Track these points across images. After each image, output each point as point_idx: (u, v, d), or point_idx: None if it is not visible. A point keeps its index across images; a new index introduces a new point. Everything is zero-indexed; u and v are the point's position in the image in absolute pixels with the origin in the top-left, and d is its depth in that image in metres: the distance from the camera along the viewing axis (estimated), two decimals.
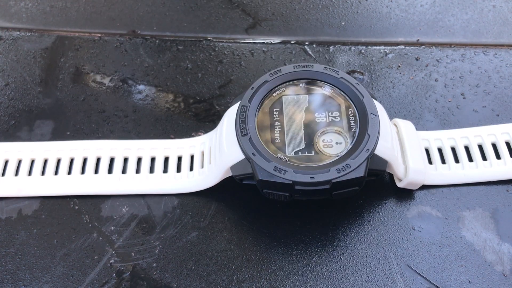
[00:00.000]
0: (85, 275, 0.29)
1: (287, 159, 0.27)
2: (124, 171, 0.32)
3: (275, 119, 0.29)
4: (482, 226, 0.30)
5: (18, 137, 0.35)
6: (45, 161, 0.33)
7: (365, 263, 0.29)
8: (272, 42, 0.40)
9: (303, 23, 0.41)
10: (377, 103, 0.30)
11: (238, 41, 0.40)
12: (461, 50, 0.38)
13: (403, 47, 0.39)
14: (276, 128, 0.29)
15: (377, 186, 0.31)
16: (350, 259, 0.29)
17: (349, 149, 0.28)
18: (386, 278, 0.28)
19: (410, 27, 0.40)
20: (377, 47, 0.39)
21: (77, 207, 0.32)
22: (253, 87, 0.30)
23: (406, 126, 0.32)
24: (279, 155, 0.27)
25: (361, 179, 0.26)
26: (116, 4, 0.43)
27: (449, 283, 0.28)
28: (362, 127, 0.28)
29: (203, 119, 0.35)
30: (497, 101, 0.35)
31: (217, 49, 0.40)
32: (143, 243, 0.30)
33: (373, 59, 0.38)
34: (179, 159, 0.33)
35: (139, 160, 0.33)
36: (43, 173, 0.32)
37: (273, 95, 0.30)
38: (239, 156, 0.28)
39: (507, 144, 0.32)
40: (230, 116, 0.30)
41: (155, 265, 0.29)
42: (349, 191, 0.27)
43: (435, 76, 0.37)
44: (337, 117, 0.29)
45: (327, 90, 0.30)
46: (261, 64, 0.38)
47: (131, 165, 0.33)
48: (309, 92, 0.30)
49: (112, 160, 0.33)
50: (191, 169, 0.32)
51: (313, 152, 0.28)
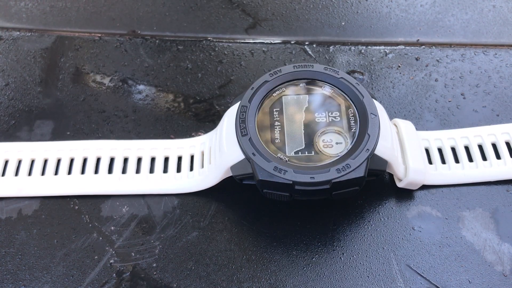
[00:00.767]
0: (85, 275, 0.29)
1: (287, 159, 0.27)
2: (124, 171, 0.32)
3: (275, 119, 0.29)
4: (482, 226, 0.30)
5: (18, 137, 0.35)
6: (45, 161, 0.33)
7: (365, 263, 0.29)
8: (272, 42, 0.40)
9: (303, 23, 0.41)
10: (377, 103, 0.30)
11: (238, 41, 0.40)
12: (461, 50, 0.38)
13: (403, 47, 0.39)
14: (276, 128, 0.29)
15: (377, 186, 0.31)
16: (350, 259, 0.29)
17: (349, 149, 0.28)
18: (386, 278, 0.28)
19: (410, 27, 0.40)
20: (377, 47, 0.39)
21: (77, 207, 0.32)
22: (253, 87, 0.30)
23: (406, 126, 0.32)
24: (279, 155, 0.27)
25: (361, 179, 0.26)
26: (116, 4, 0.43)
27: (449, 283, 0.28)
28: (362, 127, 0.28)
29: (203, 119, 0.35)
30: (497, 101, 0.35)
31: (217, 49, 0.40)
32: (143, 243, 0.30)
33: (373, 59, 0.38)
34: (179, 159, 0.33)
35: (139, 160, 0.33)
36: (43, 173, 0.32)
37: (273, 95, 0.30)
38: (239, 156, 0.28)
39: (507, 144, 0.32)
40: (230, 116, 0.30)
41: (155, 265, 0.29)
42: (349, 191, 0.27)
43: (435, 76, 0.37)
44: (337, 117, 0.29)
45: (327, 90, 0.30)
46: (261, 64, 0.38)
47: (131, 165, 0.33)
48: (309, 92, 0.30)
49: (112, 160, 0.33)
50: (191, 169, 0.32)
51: (313, 152, 0.28)
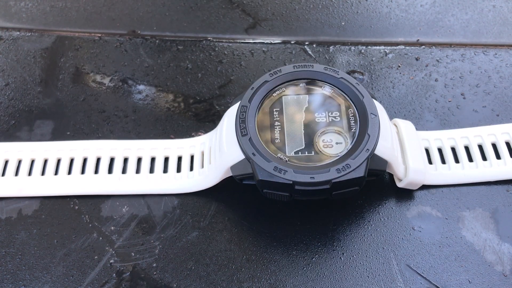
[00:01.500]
0: (85, 275, 0.29)
1: (287, 159, 0.27)
2: (124, 171, 0.32)
3: (275, 119, 0.29)
4: (482, 226, 0.30)
5: (18, 137, 0.35)
6: (45, 161, 0.33)
7: (365, 263, 0.29)
8: (272, 42, 0.40)
9: (303, 23, 0.41)
10: (377, 103, 0.30)
11: (238, 41, 0.40)
12: (461, 50, 0.38)
13: (403, 47, 0.39)
14: (276, 128, 0.29)
15: (377, 186, 0.31)
16: (350, 259, 0.29)
17: (349, 149, 0.28)
18: (386, 278, 0.28)
19: (410, 27, 0.40)
20: (377, 47, 0.39)
21: (77, 207, 0.32)
22: (253, 87, 0.30)
23: (406, 126, 0.32)
24: (279, 155, 0.27)
25: (361, 179, 0.26)
26: (116, 4, 0.43)
27: (449, 283, 0.28)
28: (362, 127, 0.28)
29: (203, 119, 0.35)
30: (497, 101, 0.35)
31: (217, 49, 0.40)
32: (143, 243, 0.30)
33: (373, 59, 0.38)
34: (179, 159, 0.33)
35: (139, 160, 0.33)
36: (43, 173, 0.32)
37: (273, 95, 0.30)
38: (239, 156, 0.28)
39: (507, 144, 0.32)
40: (230, 116, 0.30)
41: (155, 265, 0.29)
42: (349, 191, 0.27)
43: (435, 76, 0.37)
44: (337, 117, 0.29)
45: (327, 90, 0.30)
46: (261, 64, 0.38)
47: (131, 165, 0.33)
48: (309, 92, 0.30)
49: (112, 160, 0.33)
50: (191, 169, 0.32)
51: (313, 152, 0.28)
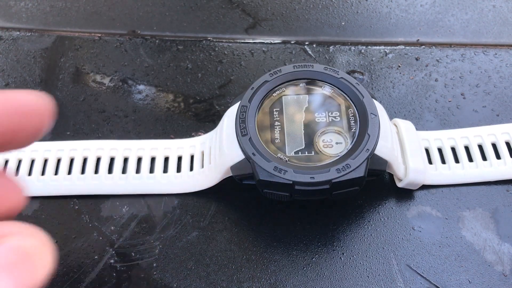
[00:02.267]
0: (85, 275, 0.29)
1: (287, 159, 0.27)
2: (124, 171, 0.32)
3: (275, 119, 0.29)
4: (482, 226, 0.30)
5: None
6: (45, 161, 0.33)
7: (365, 263, 0.29)
8: (272, 42, 0.40)
9: (303, 23, 0.41)
10: (377, 103, 0.30)
11: (238, 41, 0.40)
12: (461, 50, 0.38)
13: (403, 47, 0.39)
14: (276, 128, 0.29)
15: (377, 186, 0.31)
16: (350, 259, 0.29)
17: (349, 149, 0.28)
18: (386, 278, 0.28)
19: (410, 27, 0.40)
20: (377, 47, 0.39)
21: (77, 207, 0.32)
22: (253, 87, 0.30)
23: (406, 126, 0.32)
24: (279, 155, 0.27)
25: (361, 179, 0.26)
26: (116, 4, 0.43)
27: (449, 283, 0.28)
28: (362, 127, 0.28)
29: (203, 119, 0.35)
30: (497, 101, 0.35)
31: (217, 49, 0.40)
32: (143, 243, 0.30)
33: (373, 59, 0.38)
34: (179, 159, 0.33)
35: (139, 160, 0.33)
36: (43, 173, 0.32)
37: (273, 95, 0.30)
38: (239, 156, 0.28)
39: (507, 144, 0.32)
40: (230, 116, 0.30)
41: (155, 265, 0.29)
42: (349, 191, 0.27)
43: (435, 76, 0.37)
44: (337, 117, 0.29)
45: (327, 90, 0.30)
46: (261, 64, 0.38)
47: (131, 165, 0.33)
48: (309, 92, 0.30)
49: (112, 160, 0.33)
50: (191, 169, 0.32)
51: (313, 152, 0.28)
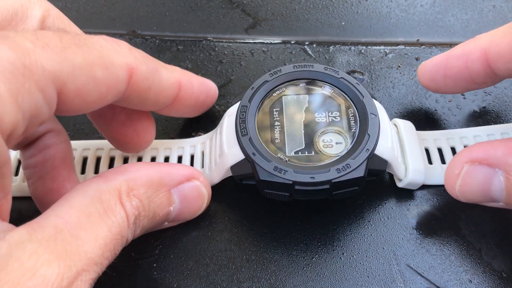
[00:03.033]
0: None
1: (287, 159, 0.27)
2: None
3: (275, 119, 0.29)
4: (482, 225, 0.30)
5: None
6: None
7: (365, 263, 0.29)
8: (272, 42, 0.40)
9: (303, 23, 0.41)
10: (377, 103, 0.30)
11: (238, 41, 0.40)
12: None
13: (403, 47, 0.39)
14: (276, 128, 0.29)
15: (377, 186, 0.31)
16: (350, 259, 0.29)
17: (349, 149, 0.28)
18: (386, 278, 0.28)
19: (410, 27, 0.40)
20: (377, 47, 0.39)
21: None
22: (253, 87, 0.30)
23: (406, 126, 0.32)
24: (279, 155, 0.28)
25: (361, 179, 0.26)
26: (116, 4, 0.43)
27: (449, 283, 0.28)
28: (362, 127, 0.28)
29: (203, 119, 0.35)
30: (497, 101, 0.35)
31: (217, 49, 0.40)
32: (143, 243, 0.30)
33: (373, 59, 0.38)
34: (179, 159, 0.33)
35: (139, 160, 0.33)
36: None
37: (273, 95, 0.30)
38: (239, 156, 0.28)
39: None
40: (230, 116, 0.30)
41: (155, 265, 0.29)
42: (349, 191, 0.27)
43: None
44: (337, 117, 0.29)
45: (327, 90, 0.30)
46: (261, 64, 0.38)
47: None
48: (309, 92, 0.30)
49: (112, 160, 0.33)
50: None
51: (313, 152, 0.28)
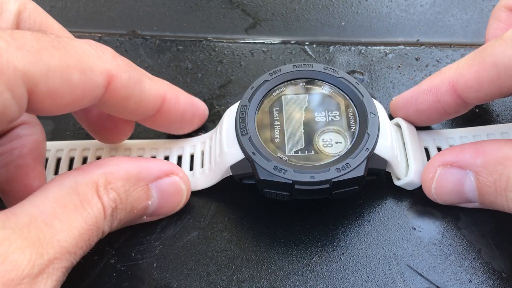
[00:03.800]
0: (85, 275, 0.29)
1: (287, 158, 0.27)
2: None
3: (274, 118, 0.29)
4: (482, 225, 0.30)
5: None
6: (45, 161, 0.33)
7: (365, 263, 0.29)
8: (272, 42, 0.40)
9: (303, 23, 0.41)
10: (377, 103, 0.30)
11: (238, 41, 0.40)
12: (461, 50, 0.38)
13: (403, 47, 0.39)
14: (276, 127, 0.29)
15: (377, 186, 0.31)
16: (350, 259, 0.29)
17: (348, 148, 0.28)
18: (386, 278, 0.28)
19: (410, 27, 0.40)
20: (377, 47, 0.39)
21: None
22: (252, 87, 0.30)
23: (409, 126, 0.32)
24: (279, 154, 0.28)
25: (361, 178, 0.26)
26: (116, 4, 0.43)
27: (449, 283, 0.28)
28: (361, 127, 0.28)
29: None
30: (497, 101, 0.35)
31: (217, 49, 0.40)
32: (143, 243, 0.30)
33: (373, 59, 0.38)
34: (179, 158, 0.33)
35: None
36: None
37: (273, 94, 0.30)
38: (239, 155, 0.28)
39: None
40: (230, 115, 0.30)
41: (155, 265, 0.29)
42: (349, 191, 0.27)
43: None
44: (336, 117, 0.29)
45: (326, 89, 0.30)
46: (261, 64, 0.38)
47: None
48: (308, 91, 0.30)
49: None
50: (191, 168, 0.32)
51: (312, 151, 0.28)
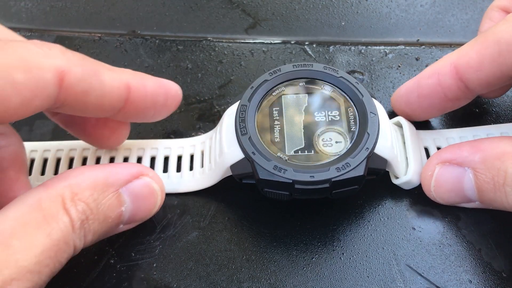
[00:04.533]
0: (85, 275, 0.29)
1: (286, 158, 0.27)
2: None
3: (274, 118, 0.29)
4: (482, 225, 0.30)
5: None
6: (45, 161, 0.33)
7: (365, 263, 0.29)
8: (272, 42, 0.40)
9: (303, 23, 0.41)
10: (376, 103, 0.30)
11: (238, 41, 0.40)
12: None
13: (403, 47, 0.39)
14: (275, 127, 0.29)
15: (377, 185, 0.31)
16: (350, 259, 0.29)
17: (348, 148, 0.28)
18: (386, 278, 0.28)
19: (410, 27, 0.40)
20: (377, 47, 0.39)
21: None
22: (252, 86, 0.30)
23: (409, 125, 0.32)
24: (279, 154, 0.28)
25: (360, 177, 0.26)
26: (116, 4, 0.43)
27: (449, 283, 0.28)
28: (361, 126, 0.28)
29: (203, 119, 0.35)
30: (497, 101, 0.35)
31: (217, 49, 0.40)
32: (143, 243, 0.30)
33: (373, 59, 0.38)
34: (179, 158, 0.33)
35: (139, 160, 0.33)
36: (43, 173, 0.32)
37: (273, 94, 0.30)
38: (239, 155, 0.28)
39: None
40: (230, 115, 0.30)
41: (155, 265, 0.29)
42: (349, 190, 0.27)
43: None
44: (336, 116, 0.29)
45: (326, 89, 0.30)
46: (261, 64, 0.38)
47: None
48: (308, 91, 0.30)
49: (112, 160, 0.33)
50: (191, 168, 0.32)
51: (312, 151, 0.28)
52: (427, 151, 0.32)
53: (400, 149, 0.31)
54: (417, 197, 0.31)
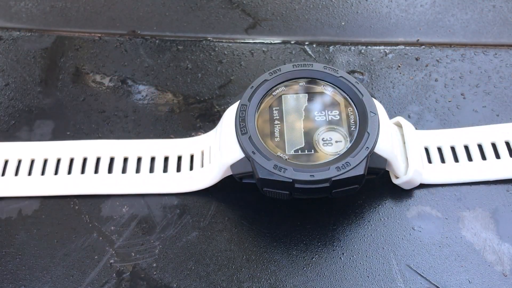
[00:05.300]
0: (85, 275, 0.29)
1: (287, 157, 0.27)
2: (124, 171, 0.32)
3: (274, 118, 0.29)
4: (482, 226, 0.30)
5: (18, 137, 0.35)
6: (45, 161, 0.33)
7: (365, 263, 0.29)
8: (272, 42, 0.40)
9: (303, 23, 0.41)
10: (376, 102, 0.30)
11: (238, 41, 0.40)
12: (461, 50, 0.38)
13: (403, 47, 0.39)
14: (276, 127, 0.29)
15: (377, 185, 0.31)
16: (350, 259, 0.29)
17: (348, 147, 0.28)
18: (386, 278, 0.28)
19: (410, 27, 0.40)
20: (377, 47, 0.39)
21: (77, 207, 0.32)
22: (252, 86, 0.30)
23: (409, 125, 0.32)
24: (279, 153, 0.27)
25: (360, 177, 0.26)
26: (116, 4, 0.43)
27: (449, 283, 0.28)
28: (361, 126, 0.28)
29: (203, 119, 0.35)
30: (497, 101, 0.35)
31: (217, 49, 0.40)
32: (143, 243, 0.30)
33: (373, 59, 0.38)
34: (179, 158, 0.33)
35: (139, 160, 0.33)
36: (43, 173, 0.33)
37: (273, 94, 0.30)
38: (239, 154, 0.28)
39: (507, 144, 0.32)
40: (229, 115, 0.30)
41: (155, 265, 0.29)
42: (348, 189, 0.27)
43: (435, 76, 0.37)
44: (336, 116, 0.29)
45: (326, 89, 0.30)
46: (261, 64, 0.38)
47: (131, 165, 0.33)
48: (308, 91, 0.30)
49: (112, 160, 0.33)
50: (191, 168, 0.32)
51: (312, 150, 0.28)
52: (427, 151, 0.32)
53: (400, 148, 0.31)
54: (417, 197, 0.31)
